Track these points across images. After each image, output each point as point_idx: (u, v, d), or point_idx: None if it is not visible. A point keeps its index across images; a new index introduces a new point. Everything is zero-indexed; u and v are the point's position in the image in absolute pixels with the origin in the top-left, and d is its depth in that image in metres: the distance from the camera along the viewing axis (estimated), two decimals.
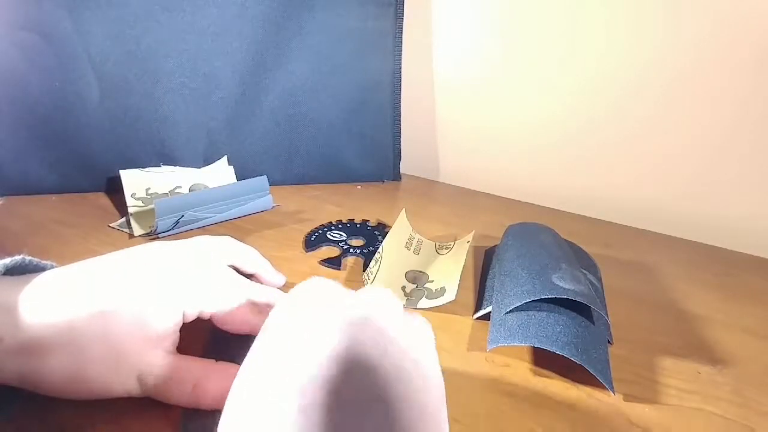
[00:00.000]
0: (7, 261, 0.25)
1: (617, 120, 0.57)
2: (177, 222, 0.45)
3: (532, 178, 0.64)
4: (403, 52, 0.62)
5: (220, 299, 0.27)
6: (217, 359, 0.26)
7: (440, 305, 0.37)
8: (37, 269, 0.26)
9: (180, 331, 0.25)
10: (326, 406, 0.17)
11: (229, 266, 0.30)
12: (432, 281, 0.40)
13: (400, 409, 0.18)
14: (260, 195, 0.52)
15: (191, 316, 0.26)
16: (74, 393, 0.23)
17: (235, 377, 0.23)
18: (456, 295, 0.37)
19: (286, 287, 0.36)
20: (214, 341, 0.29)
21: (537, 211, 0.60)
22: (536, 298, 0.31)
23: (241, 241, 0.34)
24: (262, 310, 0.29)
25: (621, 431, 0.27)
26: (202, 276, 0.27)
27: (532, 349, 0.32)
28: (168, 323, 0.24)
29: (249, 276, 0.32)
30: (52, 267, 0.26)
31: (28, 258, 0.25)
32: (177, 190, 0.53)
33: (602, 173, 0.60)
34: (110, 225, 0.47)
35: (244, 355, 0.20)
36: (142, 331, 0.23)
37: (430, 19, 0.65)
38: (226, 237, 0.33)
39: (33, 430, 0.24)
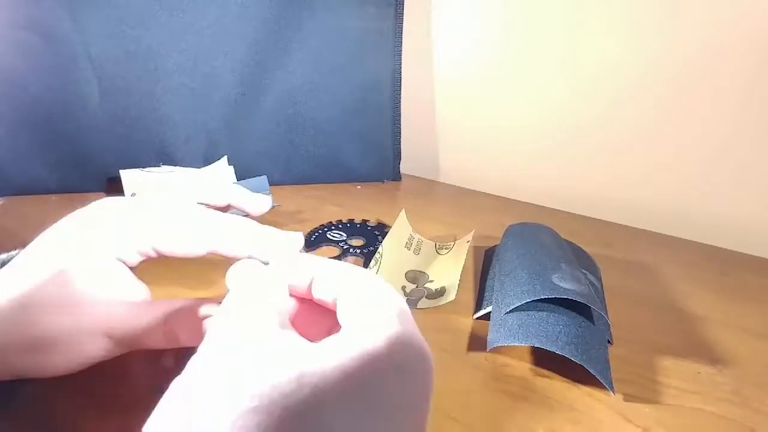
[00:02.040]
0: (4, 256, 0.25)
1: (617, 120, 0.57)
2: None
3: (532, 178, 0.64)
4: (403, 52, 0.62)
5: (175, 234, 0.25)
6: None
7: (440, 305, 0.37)
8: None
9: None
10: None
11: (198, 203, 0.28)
12: (432, 281, 0.40)
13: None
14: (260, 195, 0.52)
15: (144, 250, 0.25)
16: (48, 365, 0.23)
17: (200, 312, 0.22)
18: (456, 295, 0.37)
19: None
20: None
21: (537, 211, 0.60)
22: (536, 298, 0.31)
23: None
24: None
25: (621, 431, 0.27)
26: (156, 213, 0.25)
27: (532, 349, 0.32)
28: (117, 260, 0.24)
29: (223, 209, 0.30)
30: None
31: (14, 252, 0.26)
32: None
33: (602, 173, 0.60)
34: None
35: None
36: (95, 279, 0.23)
37: (430, 19, 0.65)
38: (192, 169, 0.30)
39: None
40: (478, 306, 0.37)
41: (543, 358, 0.31)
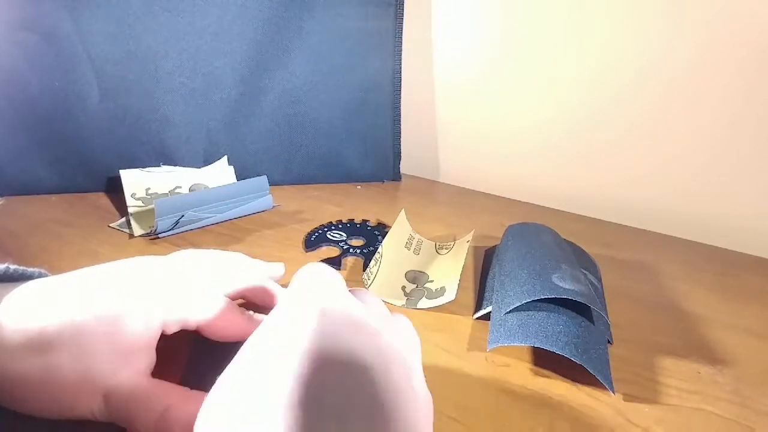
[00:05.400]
0: (15, 267, 0.24)
1: (617, 120, 0.57)
2: (177, 222, 0.45)
3: (532, 178, 0.64)
4: (403, 52, 0.62)
5: (203, 306, 0.25)
6: (199, 387, 0.24)
7: (440, 305, 0.37)
8: (23, 277, 0.25)
9: (158, 355, 0.24)
10: (310, 407, 0.16)
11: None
12: (432, 281, 0.40)
13: (388, 419, 0.17)
14: (260, 195, 0.52)
15: (173, 325, 0.24)
16: (38, 404, 0.22)
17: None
18: (456, 295, 0.37)
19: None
20: (195, 370, 0.27)
21: (537, 211, 0.60)
22: (536, 298, 0.31)
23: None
24: (253, 312, 0.28)
25: (621, 431, 0.27)
26: (183, 282, 0.25)
27: (532, 349, 0.32)
28: (143, 332, 0.23)
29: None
30: (39, 274, 0.25)
31: (12, 267, 0.24)
32: (177, 190, 0.53)
33: (602, 173, 0.60)
34: (110, 225, 0.47)
35: None
36: (114, 341, 0.22)
37: (430, 19, 0.65)
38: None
39: None
40: (478, 306, 0.37)
41: (543, 358, 0.31)
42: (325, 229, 0.49)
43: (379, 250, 0.41)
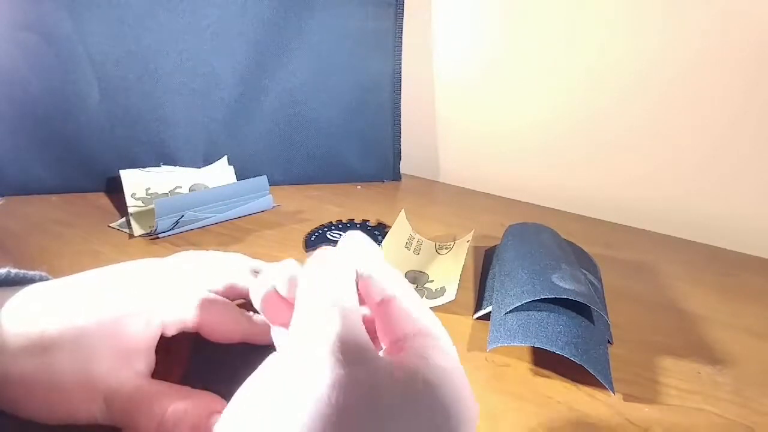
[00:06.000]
0: (16, 271, 0.24)
1: (617, 120, 0.57)
2: (177, 222, 0.45)
3: (532, 178, 0.64)
4: (403, 52, 0.62)
5: (202, 308, 0.25)
6: (199, 387, 0.24)
7: (440, 305, 0.37)
8: (24, 281, 0.25)
9: (157, 356, 0.24)
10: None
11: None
12: (432, 281, 0.40)
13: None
14: (260, 195, 0.52)
15: (172, 327, 0.24)
16: (40, 408, 0.22)
17: (210, 407, 0.22)
18: (456, 295, 0.37)
19: None
20: (196, 370, 0.27)
21: (537, 211, 0.60)
22: (536, 298, 0.31)
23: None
24: (253, 313, 0.27)
25: (621, 431, 0.27)
26: (182, 284, 0.26)
27: (532, 349, 0.32)
28: (144, 334, 0.23)
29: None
30: (41, 278, 0.26)
31: (13, 271, 0.25)
32: (177, 190, 0.53)
33: (602, 173, 0.60)
34: (110, 225, 0.47)
35: (227, 380, 0.19)
36: (115, 343, 0.22)
37: (430, 19, 0.65)
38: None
39: None
40: (478, 306, 0.37)
41: (543, 358, 0.31)
42: (325, 229, 0.49)
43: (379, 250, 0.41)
